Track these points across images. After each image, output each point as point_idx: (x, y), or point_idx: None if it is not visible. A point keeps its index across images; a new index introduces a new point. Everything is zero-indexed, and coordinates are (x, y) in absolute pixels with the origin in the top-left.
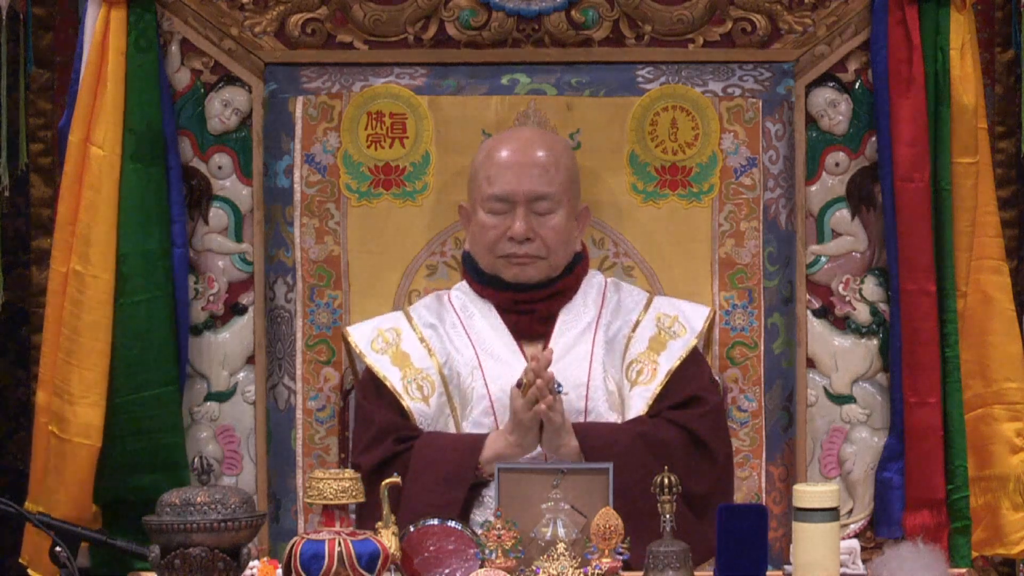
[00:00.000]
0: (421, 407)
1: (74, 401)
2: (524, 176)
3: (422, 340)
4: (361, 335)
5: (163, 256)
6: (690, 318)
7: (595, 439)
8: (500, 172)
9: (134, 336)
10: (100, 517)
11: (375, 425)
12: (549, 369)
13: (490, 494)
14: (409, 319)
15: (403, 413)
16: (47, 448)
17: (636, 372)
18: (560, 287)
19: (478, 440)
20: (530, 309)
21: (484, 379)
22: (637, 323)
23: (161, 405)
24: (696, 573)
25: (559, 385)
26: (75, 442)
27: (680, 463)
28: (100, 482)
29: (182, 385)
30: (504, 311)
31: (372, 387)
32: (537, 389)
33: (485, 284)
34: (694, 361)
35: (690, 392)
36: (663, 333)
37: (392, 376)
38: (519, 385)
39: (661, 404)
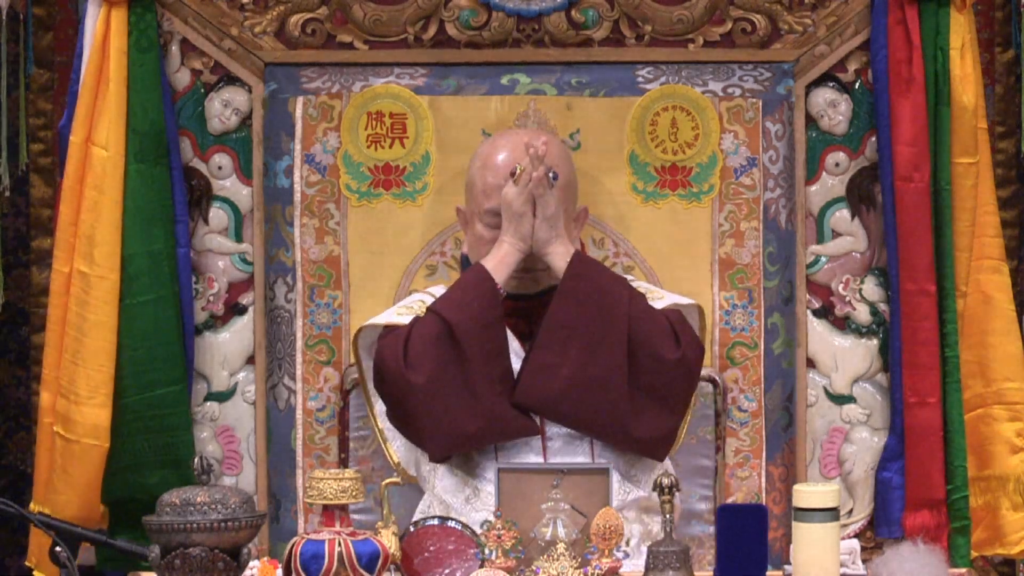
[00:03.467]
0: None
1: (81, 402)
2: None
3: None
4: (381, 317)
5: (168, 256)
6: (671, 296)
7: (587, 263)
8: (495, 185)
9: (141, 336)
10: (107, 516)
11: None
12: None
13: (491, 492)
14: (430, 295)
15: None
16: (52, 449)
17: None
18: None
19: (477, 264)
20: (529, 313)
21: None
22: None
23: (169, 404)
24: (696, 574)
25: (554, 174)
26: (84, 443)
27: (653, 333)
28: (108, 482)
29: (189, 384)
30: (503, 315)
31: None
32: (529, 176)
33: None
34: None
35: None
36: (647, 294)
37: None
38: (513, 175)
39: None
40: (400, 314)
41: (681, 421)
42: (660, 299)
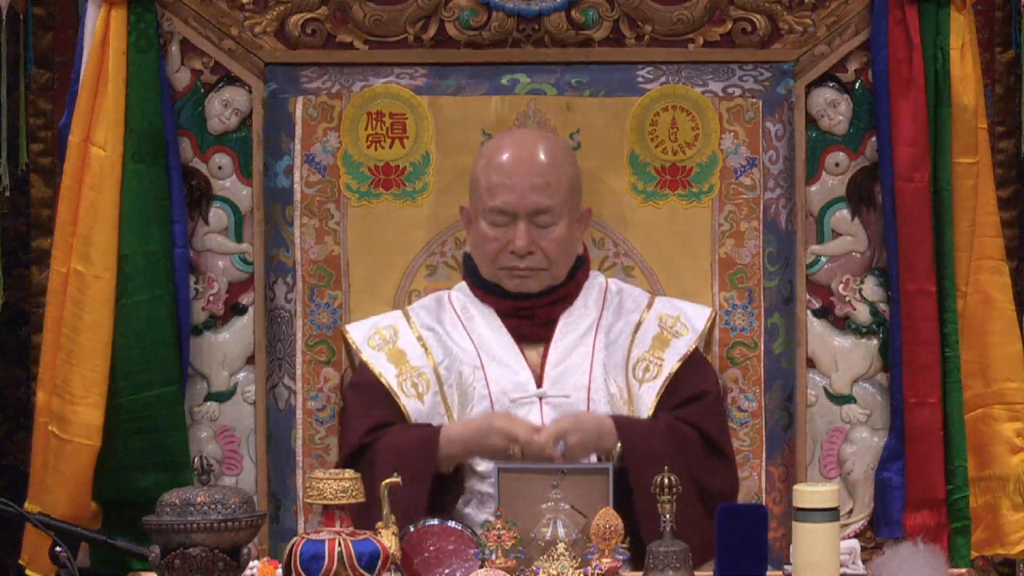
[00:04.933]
0: (415, 404)
1: (75, 401)
2: (525, 189)
3: (419, 339)
4: (359, 332)
5: (164, 256)
6: (691, 318)
7: (636, 436)
8: (501, 183)
9: (136, 336)
10: (101, 516)
11: (350, 421)
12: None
13: (490, 493)
14: (408, 318)
15: (397, 410)
16: (46, 448)
17: (643, 370)
18: (562, 294)
19: (434, 434)
20: (531, 314)
21: (486, 379)
22: (639, 323)
23: (163, 405)
24: (696, 573)
25: (563, 445)
26: (76, 442)
27: (699, 460)
28: (102, 482)
29: (184, 385)
30: (504, 316)
31: (363, 385)
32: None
33: (486, 291)
34: (697, 360)
35: (694, 391)
36: (665, 332)
37: (387, 372)
38: (510, 455)
39: (668, 401)
40: (375, 347)
41: None
42: (682, 336)
